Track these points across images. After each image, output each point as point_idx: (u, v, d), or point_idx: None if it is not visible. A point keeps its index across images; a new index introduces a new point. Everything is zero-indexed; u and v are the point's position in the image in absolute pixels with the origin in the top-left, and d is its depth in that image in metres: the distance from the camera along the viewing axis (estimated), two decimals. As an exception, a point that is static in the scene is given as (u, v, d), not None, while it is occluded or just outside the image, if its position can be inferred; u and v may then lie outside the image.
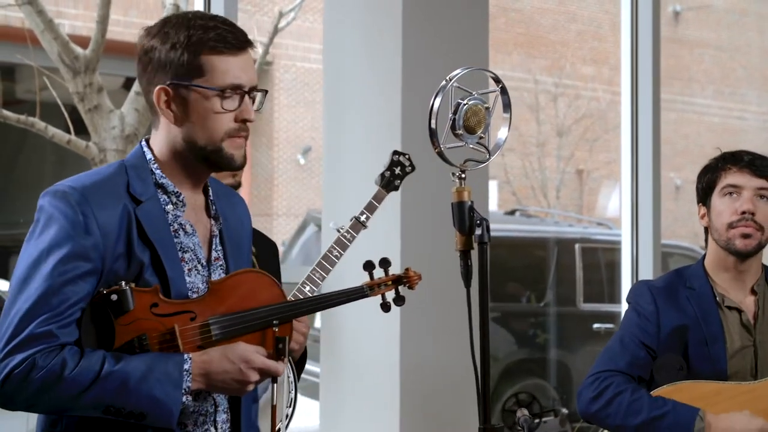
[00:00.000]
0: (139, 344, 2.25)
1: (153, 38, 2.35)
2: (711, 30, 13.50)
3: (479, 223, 2.54)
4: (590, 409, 3.23)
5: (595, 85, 11.54)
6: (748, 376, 3.23)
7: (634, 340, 3.25)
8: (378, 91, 4.63)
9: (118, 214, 2.28)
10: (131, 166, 2.36)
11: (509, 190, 11.48)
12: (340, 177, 4.72)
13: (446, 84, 2.54)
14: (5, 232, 7.98)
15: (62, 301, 2.21)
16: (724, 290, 3.30)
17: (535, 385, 7.87)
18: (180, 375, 2.24)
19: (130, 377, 2.21)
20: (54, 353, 2.20)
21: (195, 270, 2.37)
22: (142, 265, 2.29)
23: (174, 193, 2.37)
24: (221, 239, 2.45)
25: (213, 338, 2.31)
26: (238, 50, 2.35)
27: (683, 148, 12.82)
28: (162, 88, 2.33)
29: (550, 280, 8.16)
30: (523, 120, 11.57)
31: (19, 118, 5.45)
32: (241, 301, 2.35)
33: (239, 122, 2.35)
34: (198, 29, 2.33)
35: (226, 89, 2.33)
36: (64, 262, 2.22)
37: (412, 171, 3.46)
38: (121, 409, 2.22)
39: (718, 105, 13.65)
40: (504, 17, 11.74)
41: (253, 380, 2.31)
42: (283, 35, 10.49)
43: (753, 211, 3.22)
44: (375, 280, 2.66)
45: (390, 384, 4.51)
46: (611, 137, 11.17)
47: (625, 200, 5.90)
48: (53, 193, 2.28)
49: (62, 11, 8.31)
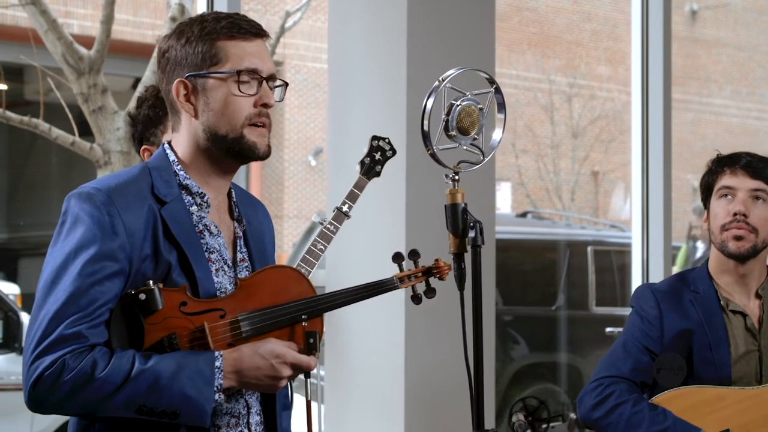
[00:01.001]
0: (169, 343, 2.25)
1: (169, 39, 2.39)
2: (729, 29, 13.40)
3: (473, 225, 2.49)
4: (591, 417, 3.23)
5: (611, 86, 11.47)
6: (753, 381, 3.21)
7: (638, 344, 3.23)
8: (383, 92, 4.62)
9: (144, 215, 2.28)
10: (154, 168, 2.36)
11: (523, 192, 11.42)
12: (345, 178, 4.70)
13: (439, 84, 2.50)
14: (13, 234, 7.98)
15: (91, 302, 2.21)
16: (729, 294, 3.28)
17: (546, 389, 7.80)
18: (212, 372, 2.23)
19: (161, 376, 2.20)
20: (84, 354, 2.19)
21: (222, 270, 2.38)
22: (170, 265, 2.29)
23: (198, 194, 2.37)
24: (245, 241, 2.46)
25: (243, 335, 2.31)
26: (252, 36, 2.37)
27: (701, 149, 12.73)
28: (180, 81, 2.35)
29: (562, 284, 8.11)
30: (537, 121, 11.50)
31: (22, 120, 5.42)
32: (270, 296, 2.36)
33: (258, 107, 2.35)
34: (211, 21, 2.36)
35: (242, 72, 2.33)
36: (92, 263, 2.22)
37: (393, 155, 3.42)
38: (153, 408, 2.21)
39: (736, 105, 13.56)
40: (518, 17, 11.69)
41: (285, 375, 2.30)
42: (294, 35, 10.47)
43: (745, 213, 3.19)
44: (405, 272, 2.64)
45: (395, 387, 4.51)
46: (627, 138, 11.09)
47: (635, 202, 5.85)
48: (78, 194, 2.28)
49: (71, 11, 8.30)
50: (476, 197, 4.82)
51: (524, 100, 11.50)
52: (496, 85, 2.57)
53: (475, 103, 2.52)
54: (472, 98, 2.52)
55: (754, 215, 3.19)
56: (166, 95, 2.40)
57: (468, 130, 2.52)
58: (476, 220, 2.51)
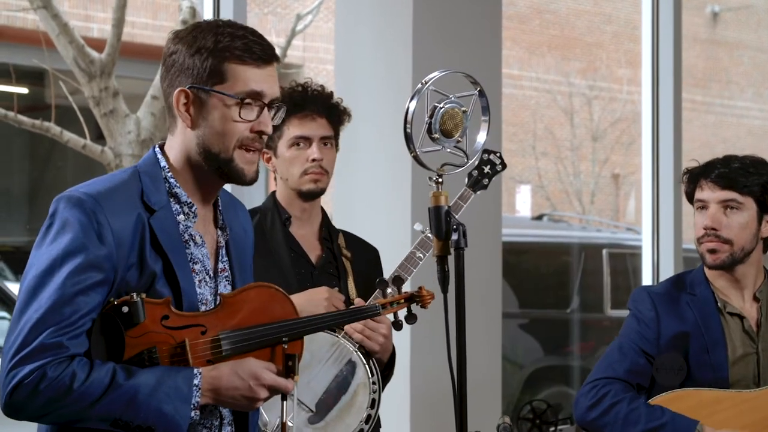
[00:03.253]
0: (149, 357, 2.24)
1: (180, 42, 2.35)
2: (751, 31, 13.29)
3: (456, 228, 2.49)
4: (587, 417, 3.21)
5: (631, 88, 11.39)
6: (751, 383, 3.19)
7: (634, 347, 3.23)
8: (389, 94, 4.62)
9: (132, 223, 2.27)
10: (145, 173, 2.34)
11: (543, 194, 11.37)
12: (351, 181, 4.71)
13: (422, 87, 2.51)
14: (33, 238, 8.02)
15: (74, 312, 2.19)
16: (726, 296, 3.26)
17: (560, 392, 7.77)
18: (189, 390, 2.23)
19: (139, 391, 2.19)
20: (64, 364, 2.18)
21: (204, 281, 2.37)
22: (155, 275, 2.27)
23: (187, 203, 2.36)
24: (227, 250, 2.44)
25: (223, 353, 2.30)
26: (263, 63, 2.34)
27: (722, 151, 12.58)
28: (182, 90, 2.32)
29: (576, 286, 8.08)
30: (557, 123, 11.45)
31: (34, 123, 5.47)
32: (252, 315, 2.34)
33: (254, 133, 2.34)
34: (226, 36, 2.31)
35: (246, 98, 2.31)
36: (77, 272, 2.20)
37: (503, 169, 3.37)
38: (129, 422, 2.20)
39: (758, 108, 13.44)
40: (538, 19, 11.65)
41: (262, 397, 2.30)
42: (314, 38, 10.47)
43: (714, 227, 3.18)
44: (387, 298, 2.67)
45: (400, 391, 4.50)
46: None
47: (646, 205, 5.82)
48: (68, 198, 2.26)
49: (91, 15, 8.35)
50: (482, 199, 4.84)
51: (544, 103, 11.45)
52: (480, 88, 2.57)
53: (459, 105, 2.53)
54: (456, 101, 2.52)
55: (725, 227, 3.17)
56: (165, 97, 2.38)
57: (451, 132, 2.52)
58: (459, 222, 2.51)
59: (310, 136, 3.27)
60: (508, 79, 10.92)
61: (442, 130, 2.52)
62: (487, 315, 4.75)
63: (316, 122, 3.28)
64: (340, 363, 3.11)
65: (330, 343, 3.10)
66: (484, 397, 4.71)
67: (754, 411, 3.12)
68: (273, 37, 8.16)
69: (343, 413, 3.07)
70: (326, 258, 3.30)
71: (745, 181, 3.16)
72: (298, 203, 3.31)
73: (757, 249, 3.23)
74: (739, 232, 3.17)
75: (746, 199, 3.17)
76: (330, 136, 3.31)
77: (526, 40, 11.20)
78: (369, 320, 3.08)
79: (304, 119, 3.26)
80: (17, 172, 8.31)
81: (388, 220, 4.57)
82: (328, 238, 3.34)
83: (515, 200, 11.14)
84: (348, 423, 3.07)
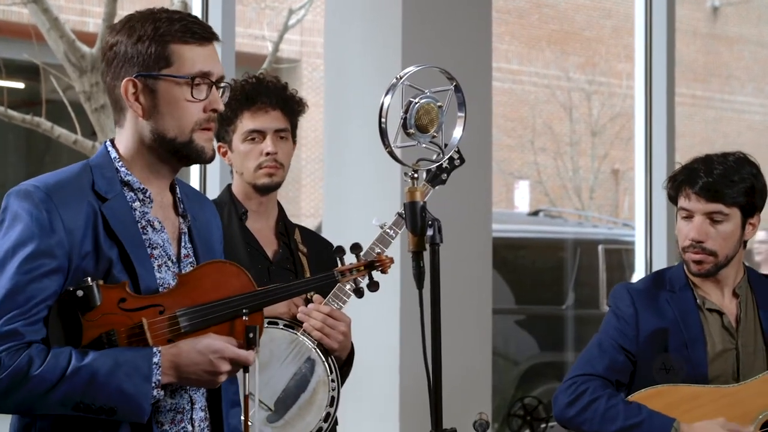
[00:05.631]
0: (108, 340, 2.25)
1: (118, 33, 2.37)
2: (751, 25, 13.26)
3: (431, 223, 2.47)
4: (566, 415, 3.21)
5: (630, 83, 11.36)
6: (730, 379, 3.19)
7: (613, 344, 3.22)
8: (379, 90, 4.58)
9: (84, 212, 2.28)
10: (95, 165, 2.37)
11: (542, 190, 11.35)
12: (341, 180, 4.70)
13: (396, 82, 2.49)
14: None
15: (28, 299, 2.21)
16: (705, 293, 3.26)
17: (556, 389, 7.75)
18: (149, 368, 2.23)
19: (98, 372, 2.20)
20: (20, 352, 2.18)
21: (165, 266, 2.38)
22: (111, 261, 2.28)
23: (140, 189, 2.37)
24: (191, 237, 2.45)
25: (182, 330, 2.30)
26: (205, 41, 2.37)
27: (723, 147, 12.58)
28: (129, 80, 2.33)
29: (572, 282, 8.06)
30: (556, 118, 11.43)
31: (24, 118, 5.46)
32: (209, 291, 2.34)
33: (208, 112, 2.36)
34: (164, 21, 2.35)
35: (196, 77, 2.34)
36: (29, 260, 2.22)
37: (461, 164, 3.34)
38: (90, 405, 2.21)
39: (758, 103, 13.42)
40: (537, 13, 11.63)
41: (224, 371, 2.30)
42: (312, 33, 10.45)
43: (700, 240, 3.16)
44: (346, 265, 2.66)
45: (390, 389, 4.49)
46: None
47: (639, 200, 5.80)
48: (17, 192, 2.28)
49: (86, 9, 8.34)
50: (471, 194, 4.83)
51: (543, 98, 11.43)
52: (455, 83, 2.54)
53: (434, 101, 2.50)
54: (431, 96, 2.50)
55: (711, 239, 3.15)
56: (110, 90, 2.39)
57: (427, 127, 2.50)
58: (434, 218, 2.49)
59: (264, 129, 3.22)
60: (507, 74, 10.89)
61: (417, 126, 2.49)
62: (477, 311, 4.73)
63: (269, 115, 3.23)
64: (299, 361, 3.08)
65: (289, 341, 3.08)
66: (474, 393, 4.69)
67: (733, 406, 3.11)
68: (266, 31, 8.14)
69: (302, 411, 3.05)
70: (283, 253, 3.27)
71: (731, 193, 3.13)
72: (254, 197, 3.27)
73: (739, 251, 3.22)
74: (724, 243, 3.16)
75: (732, 209, 3.15)
76: (285, 129, 3.26)
77: (525, 35, 11.18)
78: (328, 318, 3.07)
79: (257, 112, 3.22)
80: (11, 166, 8.30)
81: (378, 216, 4.54)
82: (285, 232, 3.31)
83: (513, 196, 11.13)
84: (308, 421, 3.05)
